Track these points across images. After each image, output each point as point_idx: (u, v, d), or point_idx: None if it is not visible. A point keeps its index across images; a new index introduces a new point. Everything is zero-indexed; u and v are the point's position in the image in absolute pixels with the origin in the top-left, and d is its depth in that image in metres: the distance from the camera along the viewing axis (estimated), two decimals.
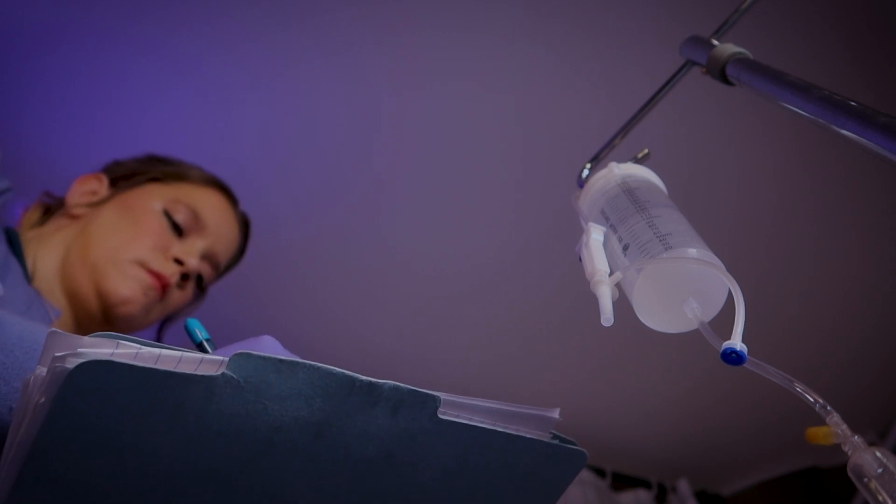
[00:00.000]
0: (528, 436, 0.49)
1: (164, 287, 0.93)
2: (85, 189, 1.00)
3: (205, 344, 0.60)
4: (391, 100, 1.48)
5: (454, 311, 1.76)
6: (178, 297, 0.98)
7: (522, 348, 1.82)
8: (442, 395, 0.46)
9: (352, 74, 1.45)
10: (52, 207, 0.99)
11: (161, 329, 1.06)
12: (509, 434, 0.49)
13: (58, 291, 0.92)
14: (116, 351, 0.39)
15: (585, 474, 1.94)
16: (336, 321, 1.75)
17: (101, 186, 1.00)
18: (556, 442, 0.51)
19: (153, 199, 0.98)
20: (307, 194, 1.59)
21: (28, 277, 0.87)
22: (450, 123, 1.52)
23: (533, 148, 1.54)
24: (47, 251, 0.92)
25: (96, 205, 0.97)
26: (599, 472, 1.99)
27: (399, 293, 1.73)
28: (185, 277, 0.97)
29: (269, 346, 0.54)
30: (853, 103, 0.49)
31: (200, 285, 1.03)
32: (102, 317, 0.92)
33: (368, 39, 1.41)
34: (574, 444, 0.51)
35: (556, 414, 0.50)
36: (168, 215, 0.97)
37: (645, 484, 2.04)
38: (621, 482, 2.02)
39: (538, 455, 0.51)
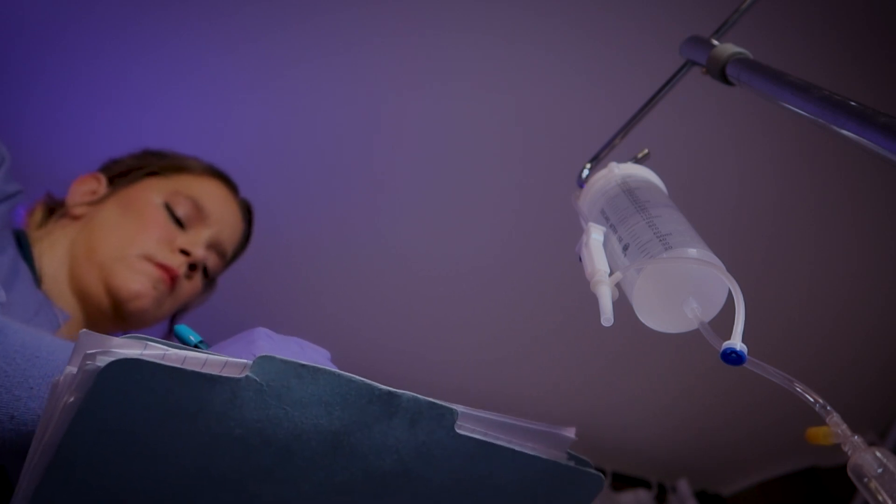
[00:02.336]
0: (545, 456, 0.49)
1: (172, 279, 0.94)
2: (84, 189, 0.99)
3: (200, 346, 0.60)
4: (391, 100, 1.48)
5: (453, 311, 1.76)
6: (187, 288, 0.99)
7: (522, 348, 1.82)
8: (459, 409, 0.46)
9: (352, 74, 1.45)
10: (54, 209, 0.99)
11: (172, 322, 1.06)
12: (526, 454, 0.48)
13: (67, 293, 0.91)
14: (145, 351, 0.41)
15: None
16: (336, 321, 1.75)
17: (100, 185, 1.00)
18: (573, 464, 0.50)
19: (153, 193, 0.98)
20: (307, 194, 1.59)
21: (37, 281, 0.87)
22: (450, 123, 1.52)
23: (533, 148, 1.54)
24: (52, 253, 0.92)
25: (97, 203, 0.97)
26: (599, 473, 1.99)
27: (398, 293, 1.73)
28: (192, 268, 0.97)
29: (262, 336, 0.55)
30: (853, 103, 0.49)
31: (208, 275, 1.03)
32: (114, 314, 0.92)
33: (368, 39, 1.41)
34: (590, 467, 0.51)
35: (572, 434, 0.50)
36: (169, 208, 0.97)
37: (645, 484, 2.04)
38: (621, 482, 2.02)
39: (554, 477, 0.50)
